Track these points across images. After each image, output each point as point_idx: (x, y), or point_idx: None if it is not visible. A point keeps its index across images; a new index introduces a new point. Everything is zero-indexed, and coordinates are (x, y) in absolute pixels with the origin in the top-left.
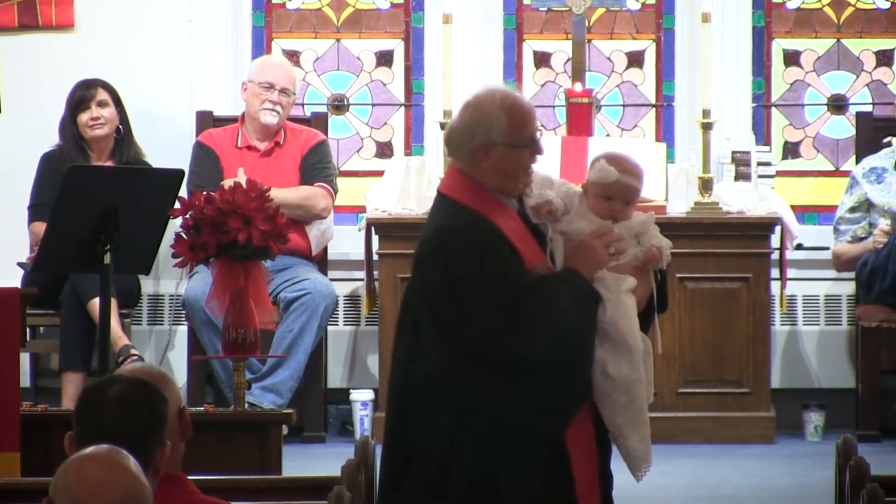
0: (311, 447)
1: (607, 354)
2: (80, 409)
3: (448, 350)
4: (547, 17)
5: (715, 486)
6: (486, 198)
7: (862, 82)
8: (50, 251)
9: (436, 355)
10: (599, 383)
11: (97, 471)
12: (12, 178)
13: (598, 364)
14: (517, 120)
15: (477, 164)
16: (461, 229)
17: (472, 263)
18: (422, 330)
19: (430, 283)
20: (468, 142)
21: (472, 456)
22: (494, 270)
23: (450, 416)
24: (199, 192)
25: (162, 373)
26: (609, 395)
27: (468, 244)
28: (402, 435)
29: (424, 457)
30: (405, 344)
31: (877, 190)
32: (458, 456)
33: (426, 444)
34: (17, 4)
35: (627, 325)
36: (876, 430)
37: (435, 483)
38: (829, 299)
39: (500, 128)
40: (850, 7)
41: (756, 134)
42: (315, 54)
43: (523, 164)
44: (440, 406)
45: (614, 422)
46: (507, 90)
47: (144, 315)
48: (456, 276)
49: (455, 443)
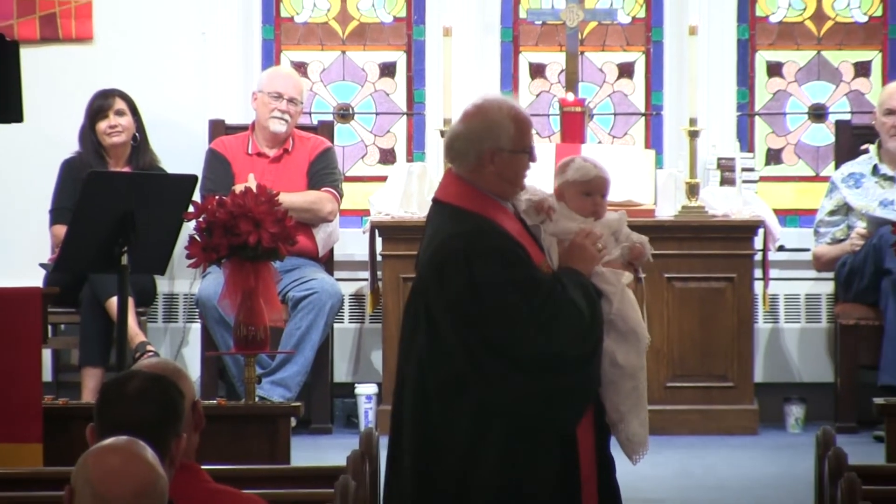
0: (318, 438)
1: (615, 344)
2: (101, 403)
3: (476, 353)
4: (542, 31)
5: (701, 476)
6: (487, 202)
7: (841, 92)
8: (70, 253)
9: (461, 359)
10: (607, 372)
11: (116, 461)
12: (34, 184)
13: (607, 354)
14: (523, 128)
15: (481, 169)
16: (478, 234)
17: (495, 267)
18: (442, 335)
19: (454, 288)
20: (475, 147)
21: (494, 458)
22: (517, 273)
23: (470, 421)
24: (212, 197)
25: (178, 368)
26: (616, 383)
27: (489, 249)
28: (425, 445)
29: (445, 467)
30: (423, 350)
31: (855, 194)
32: (477, 462)
33: (447, 450)
34: (39, 18)
35: (635, 317)
36: (854, 422)
37: (459, 486)
38: (810, 298)
39: (507, 135)
40: (830, 21)
41: (740, 141)
42: (322, 66)
43: (523, 169)
44: (461, 410)
45: (619, 408)
46: (511, 100)
47: (160, 313)
48: (481, 281)
49: (475, 447)
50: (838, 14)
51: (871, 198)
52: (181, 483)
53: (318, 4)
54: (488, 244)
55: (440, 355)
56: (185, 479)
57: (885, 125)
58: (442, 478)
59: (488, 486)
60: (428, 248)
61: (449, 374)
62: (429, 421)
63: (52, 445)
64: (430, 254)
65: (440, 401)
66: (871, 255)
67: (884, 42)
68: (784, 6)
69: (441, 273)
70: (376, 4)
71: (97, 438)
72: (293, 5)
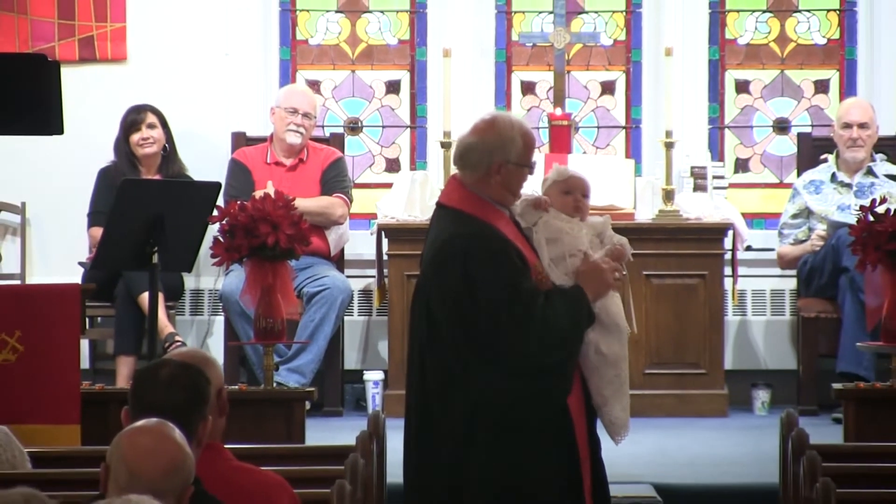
0: (329, 420)
1: (599, 336)
2: (135, 388)
3: (467, 349)
4: (532, 52)
5: (675, 454)
6: (487, 208)
7: (802, 107)
8: (106, 252)
9: (454, 356)
10: (592, 359)
11: (147, 440)
12: (73, 190)
13: (591, 343)
14: (529, 144)
15: (488, 179)
16: (477, 237)
17: (488, 267)
18: (441, 331)
19: (452, 284)
20: (486, 159)
21: (485, 451)
22: (507, 275)
23: (462, 414)
24: (234, 202)
25: (206, 357)
26: (599, 370)
27: (485, 250)
28: (422, 437)
29: (441, 458)
30: (425, 347)
31: (815, 199)
32: (469, 455)
33: (442, 441)
34: (78, 41)
35: (617, 311)
36: (815, 405)
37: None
38: (775, 293)
39: (517, 150)
40: (793, 43)
41: (711, 151)
42: (333, 83)
43: (524, 181)
44: (456, 405)
45: (602, 393)
46: (519, 118)
47: (187, 307)
48: (475, 278)
49: (468, 440)
50: (800, 37)
51: (829, 203)
52: (206, 461)
53: (331, 28)
54: (486, 246)
55: (438, 351)
56: (210, 457)
57: (843, 137)
58: (438, 469)
59: (483, 480)
60: (431, 248)
61: (445, 370)
62: (427, 413)
63: (89, 427)
64: (432, 254)
65: (438, 397)
66: (830, 254)
67: (841, 62)
68: (751, 29)
69: (441, 272)
70: (383, 28)
71: (132, 420)
72: (308, 29)
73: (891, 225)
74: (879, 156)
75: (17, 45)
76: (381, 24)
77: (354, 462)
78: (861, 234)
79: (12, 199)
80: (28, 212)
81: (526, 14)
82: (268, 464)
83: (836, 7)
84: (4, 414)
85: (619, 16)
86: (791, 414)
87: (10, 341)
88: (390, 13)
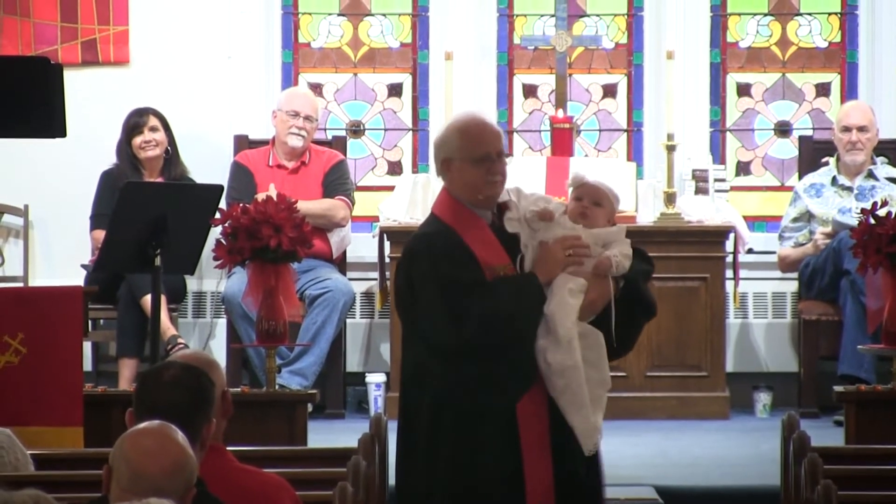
0: (332, 422)
1: (547, 344)
2: (139, 390)
3: (419, 339)
4: (534, 55)
5: (677, 456)
6: (457, 210)
7: (804, 111)
8: (108, 254)
9: (412, 351)
10: (542, 368)
11: (150, 442)
12: (76, 193)
13: (540, 352)
14: (470, 137)
15: (445, 177)
16: (423, 236)
17: (426, 265)
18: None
19: (399, 283)
20: (437, 158)
21: (450, 443)
22: (444, 271)
23: (426, 407)
24: (237, 205)
25: (210, 360)
26: (549, 379)
27: (425, 248)
28: (402, 431)
29: (415, 447)
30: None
31: (816, 203)
32: (436, 451)
33: (415, 434)
34: (81, 44)
35: (561, 319)
36: (816, 407)
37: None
38: (776, 296)
39: (454, 146)
40: (794, 46)
41: (713, 154)
42: (335, 86)
43: (478, 177)
44: (420, 399)
45: (558, 402)
46: (470, 114)
47: (189, 309)
48: (415, 276)
49: (431, 434)
50: (801, 40)
51: (830, 206)
52: (210, 463)
53: (333, 31)
54: (428, 244)
55: (404, 347)
56: (213, 459)
57: (843, 140)
58: (415, 465)
59: (444, 474)
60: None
61: (411, 365)
62: (404, 407)
63: (92, 428)
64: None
65: (409, 392)
66: (831, 257)
67: (842, 65)
68: (752, 33)
69: (396, 273)
70: (385, 31)
71: (136, 422)
72: (310, 32)
73: (892, 228)
74: (880, 159)
75: (20, 47)
76: (383, 27)
77: (356, 464)
78: (862, 237)
79: (15, 202)
80: (31, 214)
81: (528, 17)
82: (270, 466)
83: (837, 10)
84: (7, 416)
85: (621, 19)
86: (792, 416)
87: (13, 343)
88: (392, 16)
